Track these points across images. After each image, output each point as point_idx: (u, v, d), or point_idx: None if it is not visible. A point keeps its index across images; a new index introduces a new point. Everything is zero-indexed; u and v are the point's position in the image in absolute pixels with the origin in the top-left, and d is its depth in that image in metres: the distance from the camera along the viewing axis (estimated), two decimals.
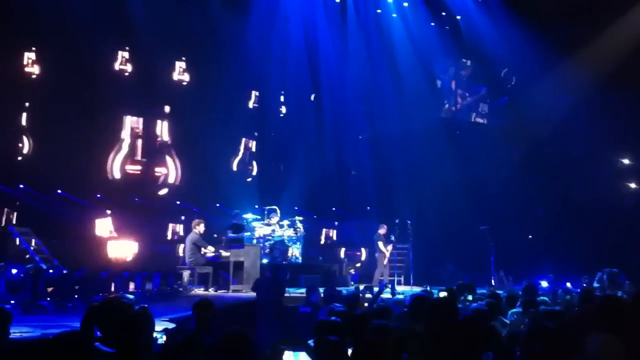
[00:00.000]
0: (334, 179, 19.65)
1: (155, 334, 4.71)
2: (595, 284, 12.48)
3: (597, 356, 3.76)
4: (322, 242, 18.59)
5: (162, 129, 17.88)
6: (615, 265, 13.10)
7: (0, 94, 14.75)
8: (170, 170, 17.83)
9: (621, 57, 16.62)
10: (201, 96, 17.43)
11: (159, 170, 17.72)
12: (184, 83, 17.93)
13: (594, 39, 17.19)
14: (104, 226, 16.03)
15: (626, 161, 19.54)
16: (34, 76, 15.58)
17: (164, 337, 4.76)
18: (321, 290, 10.07)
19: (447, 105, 19.82)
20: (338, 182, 19.72)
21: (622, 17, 16.97)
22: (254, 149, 19.62)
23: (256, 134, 19.70)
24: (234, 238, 14.43)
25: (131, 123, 17.55)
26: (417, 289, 12.95)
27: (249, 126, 19.40)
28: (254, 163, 19.53)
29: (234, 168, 19.05)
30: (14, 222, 14.66)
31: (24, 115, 15.49)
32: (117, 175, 16.96)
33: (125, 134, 17.36)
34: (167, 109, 17.92)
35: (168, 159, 17.87)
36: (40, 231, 13.48)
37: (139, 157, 17.46)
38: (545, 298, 8.65)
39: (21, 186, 15.03)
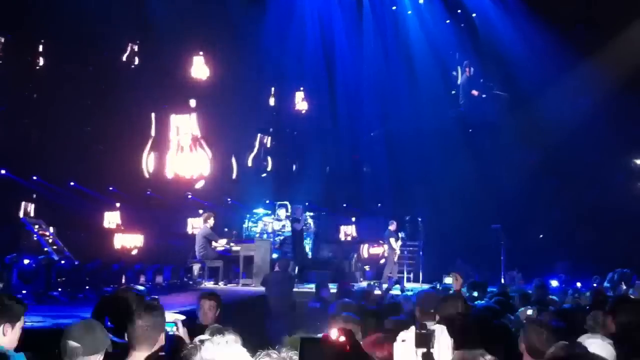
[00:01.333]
0: (347, 176, 19.66)
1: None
2: (606, 284, 12.42)
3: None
4: (342, 238, 18.48)
5: (192, 123, 17.99)
6: (627, 267, 13.02)
7: (14, 85, 14.86)
8: (204, 162, 17.94)
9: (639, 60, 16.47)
10: (220, 92, 17.48)
11: (195, 163, 17.83)
12: (204, 78, 17.93)
13: (612, 42, 17.05)
14: (112, 219, 16.15)
15: (639, 162, 19.37)
16: (41, 67, 15.62)
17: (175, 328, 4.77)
18: (330, 286, 10.10)
19: (462, 103, 19.72)
20: (351, 179, 19.72)
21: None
22: (269, 145, 19.65)
23: (271, 129, 19.73)
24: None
25: (159, 119, 17.69)
26: (426, 286, 12.95)
27: (265, 122, 19.42)
28: (269, 159, 19.55)
29: (249, 164, 19.09)
30: (32, 214, 14.79)
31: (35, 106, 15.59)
32: (151, 170, 17.14)
33: (154, 130, 17.50)
34: (192, 103, 18.00)
35: (201, 151, 17.97)
36: (53, 223, 13.58)
37: (177, 152, 17.60)
38: (555, 297, 8.64)
39: (34, 178, 15.15)
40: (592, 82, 17.24)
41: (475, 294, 8.51)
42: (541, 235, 18.21)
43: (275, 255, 14.61)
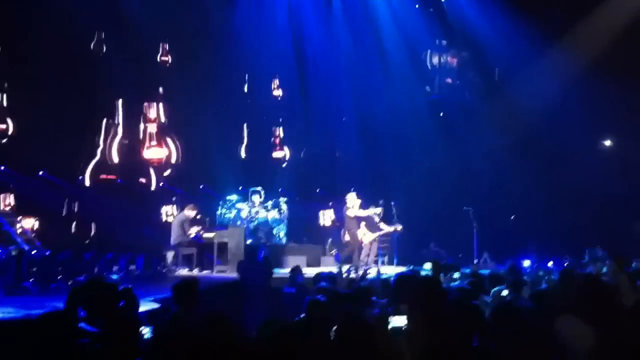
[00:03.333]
0: (320, 161, 19.64)
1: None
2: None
3: (564, 340, 3.80)
4: (322, 223, 18.38)
5: (159, 111, 17.77)
6: (597, 246, 13.27)
7: None
8: (172, 151, 17.77)
9: (609, 42, 16.67)
10: (192, 81, 17.29)
11: (159, 152, 17.64)
12: (169, 65, 17.72)
13: (581, 25, 17.22)
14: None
15: (608, 143, 19.67)
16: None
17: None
18: (306, 270, 10.11)
19: (430, 88, 19.81)
20: (324, 164, 19.70)
21: (610, 1, 17.03)
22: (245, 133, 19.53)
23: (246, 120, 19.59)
24: None
25: (124, 106, 17.40)
26: (401, 269, 13.00)
27: (242, 110, 19.25)
28: (243, 146, 19.43)
29: (242, 155, 18.96)
30: (12, 205, 14.54)
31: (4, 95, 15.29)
32: (116, 160, 16.88)
33: (120, 118, 17.22)
34: (160, 90, 17.80)
35: (169, 140, 17.81)
36: (24, 213, 13.39)
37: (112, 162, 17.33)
38: (526, 278, 8.75)
39: (2, 168, 14.90)
40: (562, 65, 17.42)
41: (457, 275, 8.58)
42: (513, 217, 18.39)
43: (249, 242, 14.60)
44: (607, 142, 19.64)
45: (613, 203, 17.34)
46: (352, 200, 14.53)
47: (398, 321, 4.30)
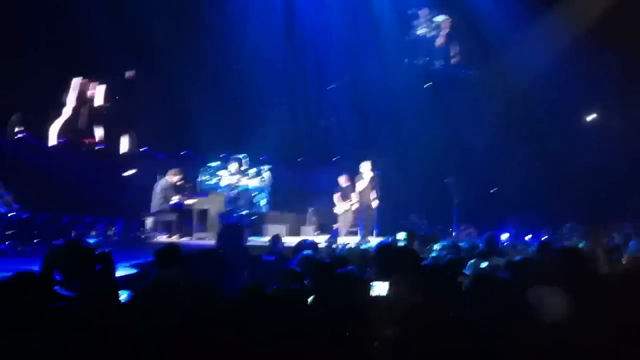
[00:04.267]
0: (303, 129, 19.51)
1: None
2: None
3: (540, 308, 3.84)
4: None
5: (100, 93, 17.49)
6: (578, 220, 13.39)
7: None
8: (126, 143, 17.55)
9: (602, 11, 16.61)
10: (172, 39, 16.98)
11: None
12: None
13: None
14: None
15: (593, 120, 19.71)
16: None
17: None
18: (286, 239, 10.13)
19: (419, 56, 19.68)
20: (307, 132, 19.59)
21: None
22: None
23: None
24: None
25: (80, 86, 16.98)
26: (380, 239, 13.05)
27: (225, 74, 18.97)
28: None
29: None
30: None
31: None
32: (53, 142, 16.52)
33: (69, 99, 16.82)
34: (131, 73, 17.45)
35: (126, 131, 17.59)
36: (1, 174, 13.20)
37: (82, 127, 17.00)
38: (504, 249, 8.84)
39: None
40: (553, 35, 17.33)
41: (437, 246, 8.61)
42: (494, 189, 18.44)
43: (229, 210, 14.56)
44: (591, 116, 19.67)
45: (600, 174, 17.45)
46: (366, 170, 14.49)
47: (380, 288, 4.33)
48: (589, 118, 19.51)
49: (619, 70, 16.94)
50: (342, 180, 15.33)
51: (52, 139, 16.37)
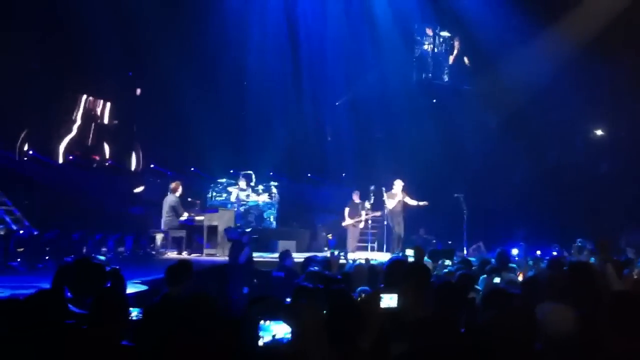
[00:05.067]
0: (311, 145, 19.57)
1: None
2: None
3: (546, 324, 3.81)
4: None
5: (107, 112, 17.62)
6: (587, 235, 13.29)
7: None
8: (135, 160, 17.67)
9: (601, 26, 16.64)
10: (178, 56, 17.07)
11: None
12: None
13: (574, 7, 17.18)
14: None
15: (599, 132, 19.71)
16: None
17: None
18: (295, 255, 10.10)
19: (423, 71, 19.76)
20: (315, 148, 19.65)
21: None
22: None
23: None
24: None
25: (88, 104, 17.08)
26: (389, 256, 13.01)
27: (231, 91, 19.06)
28: None
29: None
30: None
31: None
32: (61, 159, 16.64)
33: (78, 115, 16.95)
34: (138, 91, 17.56)
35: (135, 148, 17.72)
36: (11, 191, 13.28)
37: (89, 143, 17.10)
38: (515, 266, 8.77)
39: None
40: (554, 47, 17.36)
41: (449, 262, 8.60)
42: (503, 204, 18.36)
43: (238, 225, 14.55)
44: (599, 132, 19.66)
45: (606, 187, 17.39)
46: (398, 189, 14.56)
47: (389, 301, 4.30)
48: (596, 131, 19.49)
49: (621, 82, 16.92)
50: (355, 197, 15.37)
51: (61, 156, 16.50)
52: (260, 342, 4.05)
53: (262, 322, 4.13)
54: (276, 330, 4.20)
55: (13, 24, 14.62)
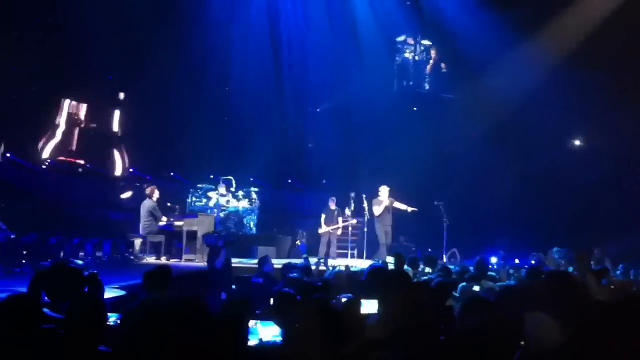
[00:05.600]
0: (292, 151, 19.59)
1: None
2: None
3: (532, 335, 3.82)
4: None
5: (114, 119, 17.46)
6: (565, 244, 13.40)
7: None
8: (115, 164, 17.56)
9: (583, 36, 16.85)
10: (161, 61, 17.01)
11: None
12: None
13: (557, 17, 17.36)
14: None
15: (577, 142, 19.94)
16: None
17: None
18: (275, 261, 10.10)
19: (405, 79, 19.88)
20: (296, 154, 19.67)
21: None
22: None
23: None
24: None
25: (70, 108, 16.93)
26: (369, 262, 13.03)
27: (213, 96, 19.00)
28: None
29: None
30: None
31: None
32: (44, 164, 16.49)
33: (62, 120, 16.79)
34: (121, 95, 17.46)
35: (115, 152, 17.56)
36: None
37: (73, 148, 16.96)
38: (494, 274, 8.83)
39: None
40: (538, 58, 17.53)
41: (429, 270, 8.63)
42: (481, 214, 18.50)
43: (218, 230, 14.48)
44: (577, 142, 19.90)
45: (584, 197, 17.57)
46: (384, 194, 14.54)
47: (369, 306, 4.31)
48: (576, 141, 19.72)
49: (603, 92, 17.13)
50: (331, 203, 15.39)
51: (42, 160, 16.35)
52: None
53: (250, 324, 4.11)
54: (263, 333, 4.18)
55: None
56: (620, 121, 17.30)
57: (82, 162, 17.08)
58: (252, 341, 4.13)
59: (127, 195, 13.42)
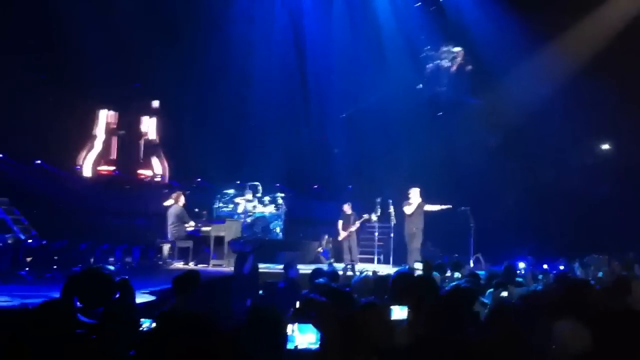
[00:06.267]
0: (316, 157, 19.64)
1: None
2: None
3: (563, 342, 3.81)
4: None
5: (149, 126, 17.63)
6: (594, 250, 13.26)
7: None
8: (155, 172, 17.73)
9: (599, 46, 16.71)
10: (186, 69, 17.19)
11: (143, 172, 17.55)
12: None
13: (573, 28, 17.26)
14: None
15: (606, 146, 19.74)
16: None
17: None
18: (301, 267, 10.13)
19: (430, 87, 19.84)
20: (321, 160, 19.71)
21: (601, 5, 17.06)
22: None
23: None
24: None
25: (107, 117, 17.13)
26: (396, 269, 13.01)
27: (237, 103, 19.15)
28: None
29: None
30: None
31: None
32: (88, 174, 16.69)
33: (100, 130, 16.99)
34: (155, 104, 17.61)
35: (155, 159, 17.70)
36: (19, 201, 13.36)
37: (114, 157, 17.15)
38: (521, 279, 8.76)
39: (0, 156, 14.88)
40: (552, 68, 17.43)
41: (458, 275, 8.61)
42: (505, 219, 18.36)
43: (244, 236, 14.57)
44: (605, 146, 19.70)
45: (613, 205, 17.37)
46: (415, 195, 14.51)
47: (399, 313, 4.32)
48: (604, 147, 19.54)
49: (621, 101, 16.96)
50: (346, 208, 15.36)
51: (87, 171, 16.58)
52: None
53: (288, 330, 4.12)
54: (299, 340, 4.19)
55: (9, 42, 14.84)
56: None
57: (119, 170, 17.29)
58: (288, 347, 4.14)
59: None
